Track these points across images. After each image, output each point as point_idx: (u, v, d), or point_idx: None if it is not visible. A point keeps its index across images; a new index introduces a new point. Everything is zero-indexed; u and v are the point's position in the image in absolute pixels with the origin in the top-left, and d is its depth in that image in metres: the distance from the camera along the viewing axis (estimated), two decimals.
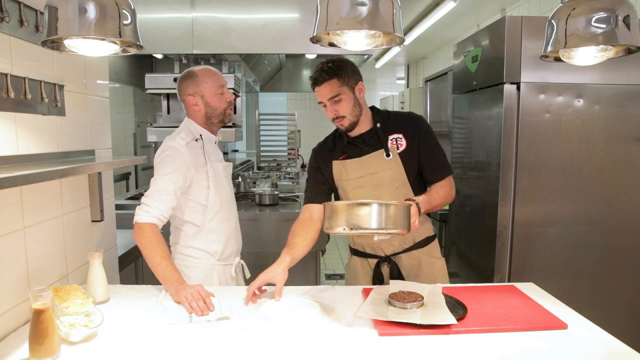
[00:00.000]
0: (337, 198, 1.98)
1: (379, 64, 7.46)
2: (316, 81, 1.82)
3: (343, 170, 1.90)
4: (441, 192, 1.81)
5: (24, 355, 1.25)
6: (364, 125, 1.89)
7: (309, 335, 1.41)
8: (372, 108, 1.93)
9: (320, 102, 1.88)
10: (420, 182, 1.90)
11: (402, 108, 6.04)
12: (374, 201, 1.48)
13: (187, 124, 1.94)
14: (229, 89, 3.04)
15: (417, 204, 1.64)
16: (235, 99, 3.47)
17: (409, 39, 5.39)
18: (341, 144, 1.94)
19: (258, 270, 3.33)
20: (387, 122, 1.89)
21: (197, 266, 1.91)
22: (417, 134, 1.86)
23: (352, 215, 1.46)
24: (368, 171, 1.86)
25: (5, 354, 1.27)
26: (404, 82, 8.43)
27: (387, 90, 9.33)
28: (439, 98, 4.71)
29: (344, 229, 1.46)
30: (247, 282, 1.97)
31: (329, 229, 1.51)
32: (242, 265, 2.08)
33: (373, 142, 1.88)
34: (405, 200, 1.68)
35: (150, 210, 1.73)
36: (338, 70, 1.79)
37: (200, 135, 1.91)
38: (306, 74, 5.60)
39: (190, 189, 1.87)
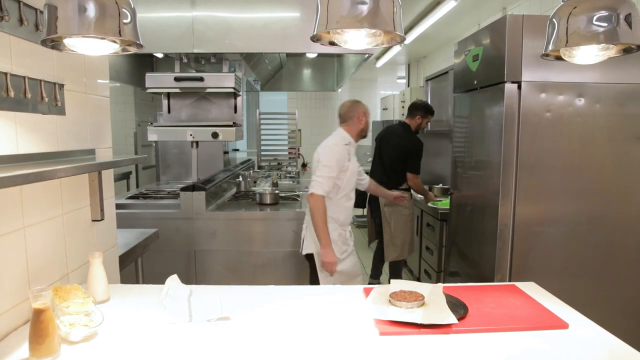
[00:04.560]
0: None
1: (379, 63, 7.44)
2: None
3: None
4: None
5: (24, 354, 1.25)
6: None
7: (310, 334, 1.41)
8: None
9: None
10: None
11: (403, 107, 6.03)
12: None
13: (341, 133, 2.79)
14: (229, 88, 3.10)
15: None
16: (236, 98, 3.47)
17: (410, 38, 5.38)
18: None
19: (259, 270, 3.34)
20: None
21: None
22: None
23: None
24: None
25: (5, 353, 1.27)
26: (404, 81, 8.42)
27: (388, 89, 9.31)
28: (439, 97, 4.70)
29: None
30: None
31: None
32: (350, 231, 2.86)
33: None
34: None
35: (322, 186, 2.58)
36: None
37: (350, 142, 2.76)
38: (307, 73, 5.59)
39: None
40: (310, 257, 2.79)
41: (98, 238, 1.99)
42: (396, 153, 3.95)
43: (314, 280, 2.81)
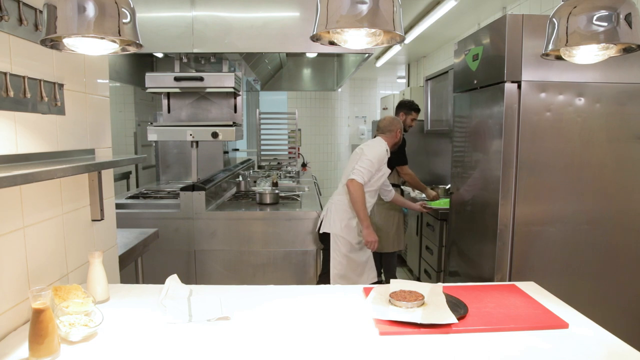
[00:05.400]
0: None
1: (379, 63, 7.44)
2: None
3: None
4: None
5: (23, 354, 1.25)
6: None
7: (310, 334, 1.40)
8: None
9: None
10: None
11: None
12: None
13: (381, 141, 3.20)
14: (229, 87, 3.10)
15: None
16: (235, 98, 3.47)
17: (410, 37, 5.38)
18: None
19: (259, 270, 3.34)
20: None
21: (347, 210, 3.05)
22: None
23: None
24: None
25: (5, 353, 1.27)
26: (404, 80, 8.42)
27: (388, 89, 9.32)
28: (439, 97, 4.70)
29: None
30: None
31: None
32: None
33: None
34: None
35: (363, 176, 2.95)
36: None
37: (387, 149, 3.15)
38: (307, 72, 5.59)
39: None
40: (325, 236, 3.05)
41: (98, 238, 1.99)
42: None
43: (327, 258, 3.06)
